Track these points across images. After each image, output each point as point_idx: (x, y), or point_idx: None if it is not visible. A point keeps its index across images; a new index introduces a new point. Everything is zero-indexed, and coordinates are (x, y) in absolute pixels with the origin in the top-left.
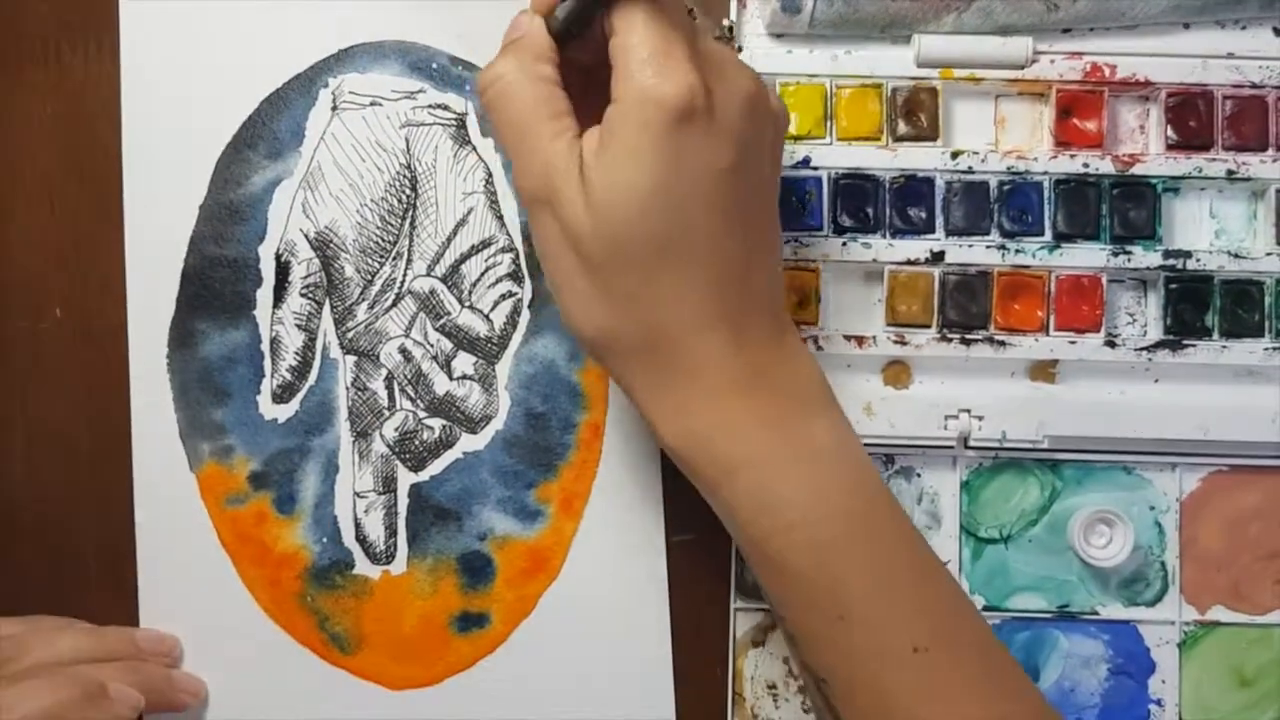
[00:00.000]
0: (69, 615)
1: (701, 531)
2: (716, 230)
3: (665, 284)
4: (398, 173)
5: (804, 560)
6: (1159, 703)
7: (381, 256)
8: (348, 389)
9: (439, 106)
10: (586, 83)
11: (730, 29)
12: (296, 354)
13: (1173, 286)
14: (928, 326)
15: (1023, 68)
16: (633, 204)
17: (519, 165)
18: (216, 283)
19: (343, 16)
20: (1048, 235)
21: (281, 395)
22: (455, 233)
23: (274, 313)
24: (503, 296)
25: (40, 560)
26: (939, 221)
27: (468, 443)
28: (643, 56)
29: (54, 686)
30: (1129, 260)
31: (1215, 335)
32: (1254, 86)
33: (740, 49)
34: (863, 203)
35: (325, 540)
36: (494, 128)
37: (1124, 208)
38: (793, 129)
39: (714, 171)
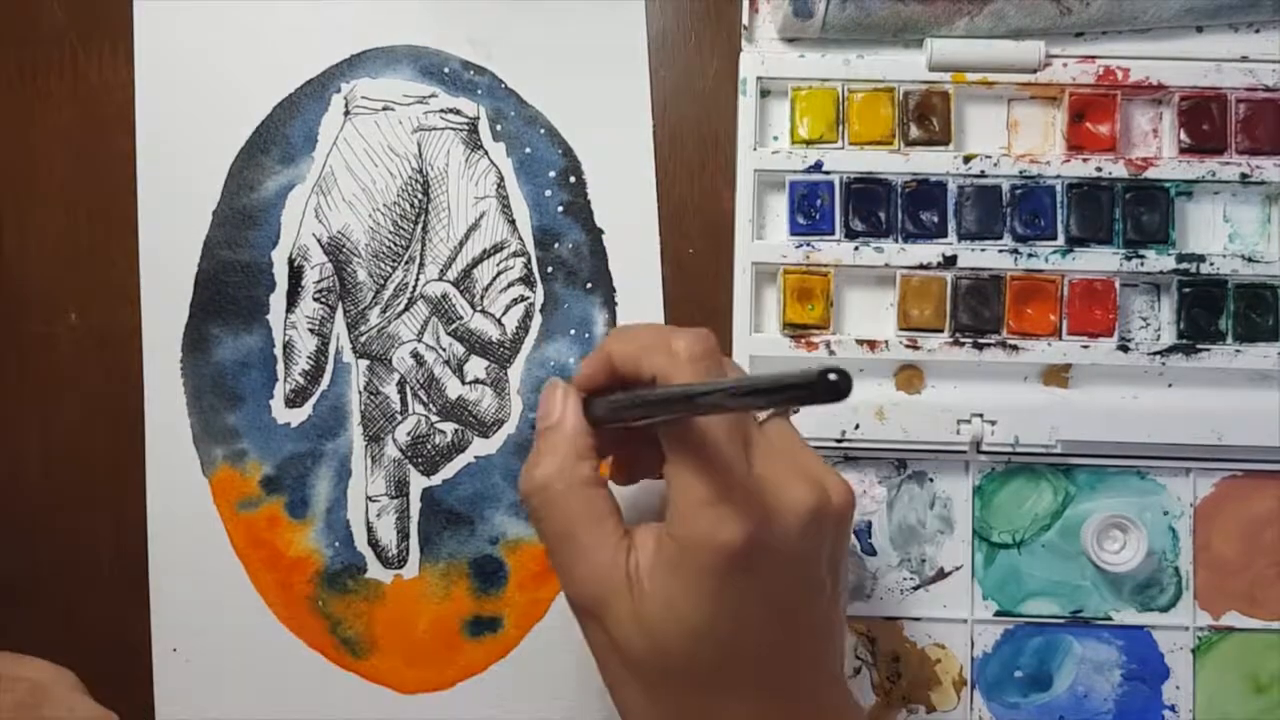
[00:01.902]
0: (81, 618)
1: None
2: (772, 650)
3: (714, 699)
4: (410, 177)
5: None
6: (1173, 709)
7: (394, 261)
8: (360, 393)
9: (451, 111)
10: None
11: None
12: (309, 358)
13: (1186, 290)
14: (940, 331)
15: (1035, 71)
16: (687, 637)
17: (565, 574)
18: (230, 287)
19: (355, 22)
20: (1060, 239)
21: (294, 399)
22: (467, 237)
23: (287, 317)
24: (514, 301)
25: (54, 563)
26: (951, 226)
27: (480, 447)
28: (698, 497)
29: None
30: (1142, 264)
31: (1229, 339)
32: (1268, 90)
33: (796, 411)
34: (875, 207)
35: (337, 544)
36: (538, 532)
37: (1137, 211)
38: (805, 133)
39: (768, 598)
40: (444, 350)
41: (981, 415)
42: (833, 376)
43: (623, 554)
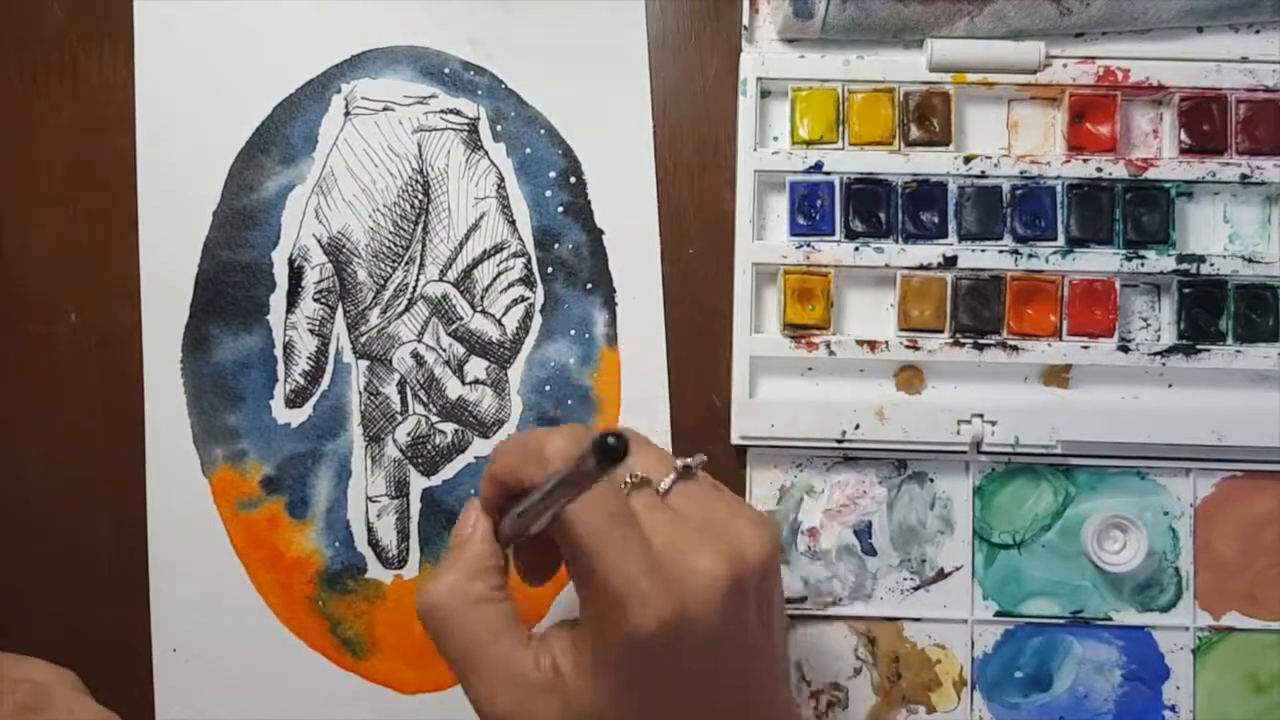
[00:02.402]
0: (81, 618)
1: None
2: (710, 710)
3: None
4: (410, 178)
5: None
6: (1173, 709)
7: (394, 261)
8: (360, 394)
9: (451, 111)
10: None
11: (687, 466)
12: (309, 359)
13: (1186, 291)
14: (940, 331)
15: (1035, 72)
16: None
17: (473, 693)
18: (230, 288)
19: (355, 22)
20: (1061, 240)
21: (294, 400)
22: (467, 238)
23: (287, 318)
24: (515, 301)
25: (54, 562)
26: (951, 226)
27: (480, 447)
28: (602, 593)
29: None
30: (1142, 265)
31: (1229, 340)
32: (1268, 90)
33: (701, 464)
34: (875, 207)
35: (337, 545)
36: (440, 651)
37: (1137, 212)
38: (805, 134)
39: (698, 665)
40: (444, 351)
41: (982, 415)
42: (610, 440)
43: (530, 661)
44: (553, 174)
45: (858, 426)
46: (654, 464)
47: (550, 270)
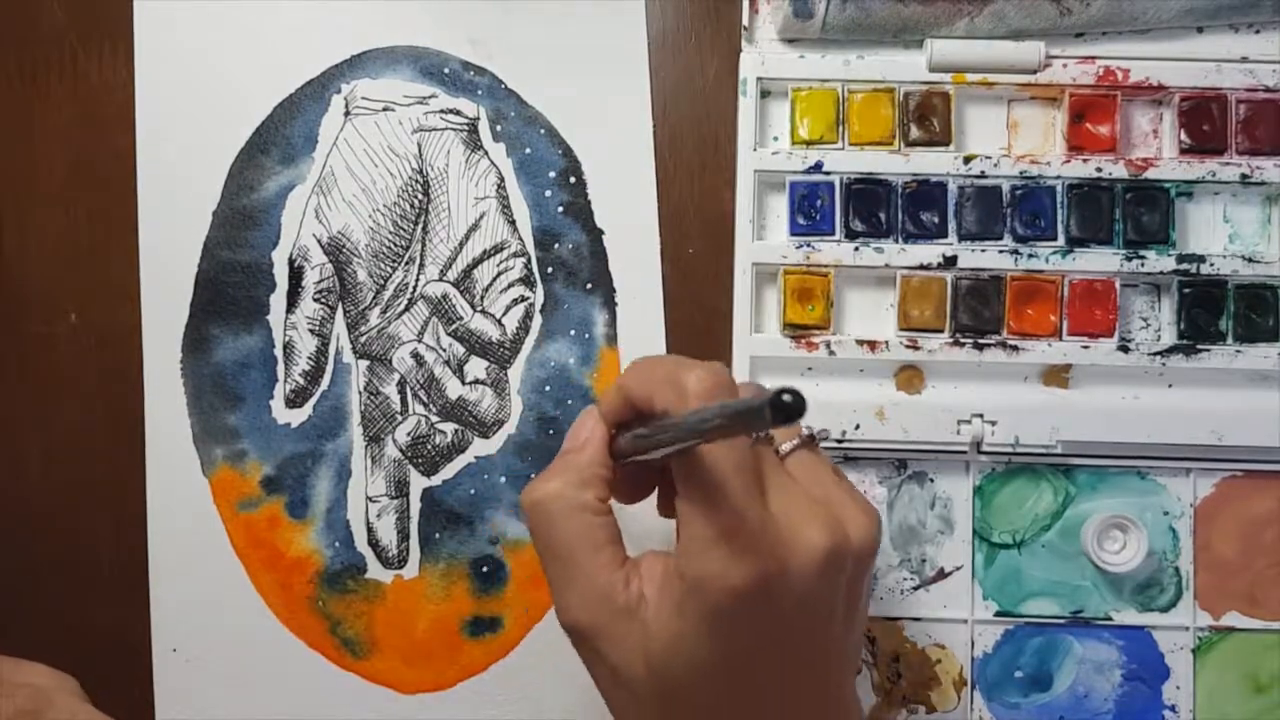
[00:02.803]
0: (81, 619)
1: None
2: (780, 684)
3: None
4: (410, 178)
5: None
6: (1173, 709)
7: (394, 261)
8: (360, 394)
9: (451, 111)
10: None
11: (812, 435)
12: (309, 359)
13: (1186, 291)
14: (940, 331)
15: (1035, 72)
16: (692, 672)
17: (556, 596)
18: (230, 288)
19: (355, 22)
20: (1061, 240)
21: (294, 400)
22: (467, 237)
23: (287, 318)
24: (515, 301)
25: (54, 563)
26: (951, 226)
27: (480, 447)
28: (708, 535)
29: None
30: (1142, 265)
31: (1229, 340)
32: (1268, 90)
33: (825, 437)
34: (875, 207)
35: (337, 545)
36: (535, 548)
37: (1137, 212)
38: (805, 134)
39: (779, 637)
40: (444, 350)
41: (982, 415)
42: (786, 398)
43: (620, 582)
44: (553, 174)
45: (858, 426)
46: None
47: (550, 270)
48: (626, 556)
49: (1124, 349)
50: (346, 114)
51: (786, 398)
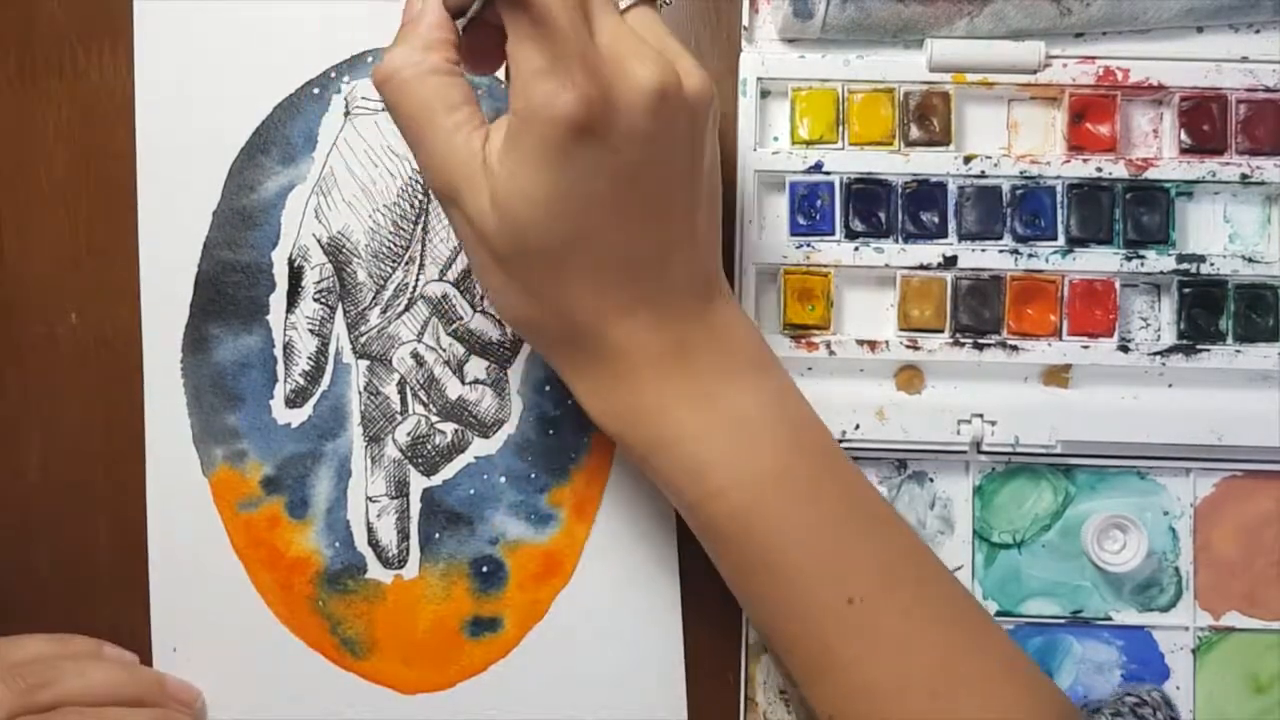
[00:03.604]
0: (81, 619)
1: None
2: (622, 229)
3: (573, 279)
4: (410, 178)
5: (732, 524)
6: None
7: (394, 261)
8: (360, 394)
9: None
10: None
11: None
12: (309, 359)
13: (1186, 291)
14: (940, 331)
15: (1035, 72)
16: (535, 210)
17: (421, 160)
18: (230, 288)
19: (355, 22)
20: (1061, 240)
21: (294, 400)
22: None
23: (287, 318)
24: None
25: (54, 563)
26: (951, 226)
27: (480, 447)
28: (534, 67)
29: None
30: (1142, 265)
31: (1229, 340)
32: (1268, 90)
33: (668, 3)
34: (875, 207)
35: (337, 545)
36: (395, 122)
37: (1137, 212)
38: (805, 134)
39: (616, 176)
40: (444, 350)
41: (981, 415)
42: None
43: (478, 140)
44: None
45: (858, 426)
46: None
47: None
48: (484, 119)
49: (1124, 349)
50: (346, 114)
51: None
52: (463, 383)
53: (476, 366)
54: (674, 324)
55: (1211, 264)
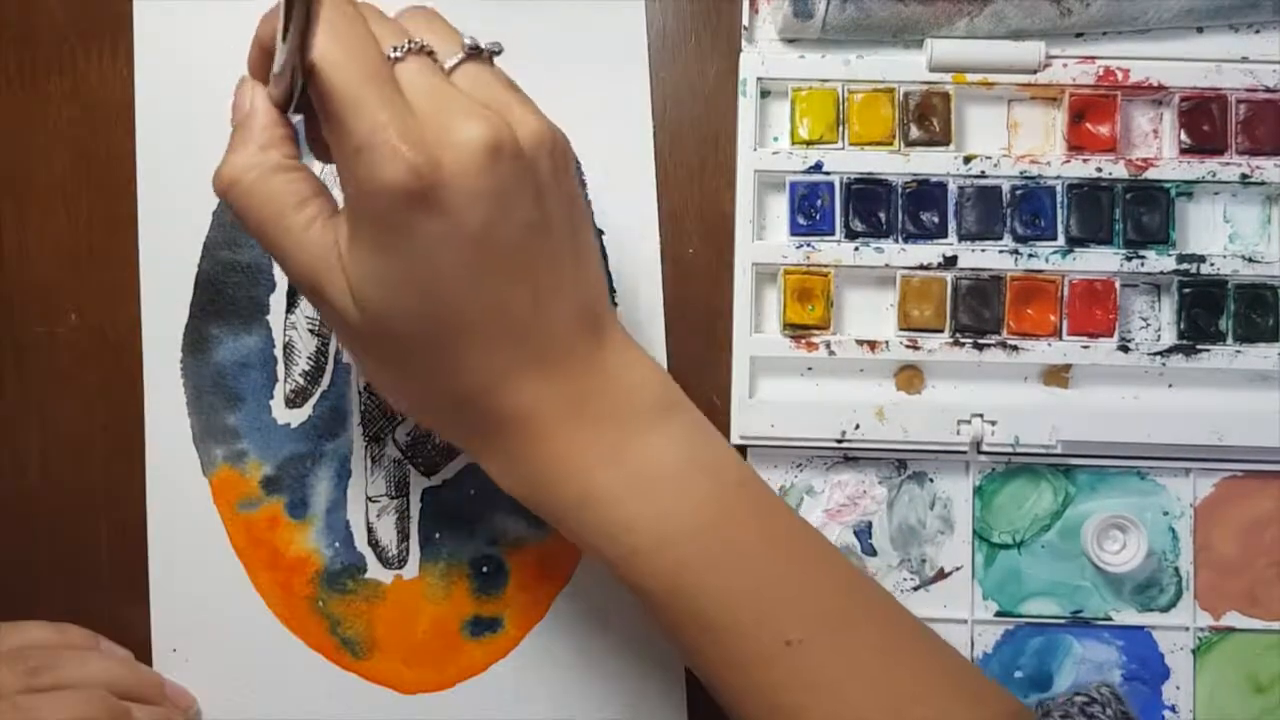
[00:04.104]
0: (82, 618)
1: None
2: (486, 293)
3: (450, 355)
4: None
5: (657, 583)
6: (1173, 709)
7: None
8: (360, 393)
9: None
10: None
11: (478, 47)
12: (309, 359)
13: (1186, 291)
14: (940, 331)
15: (1035, 72)
16: (391, 294)
17: (279, 262)
18: (230, 288)
19: None
20: (1061, 240)
21: (294, 400)
22: None
23: (287, 318)
24: None
25: (54, 563)
26: (951, 226)
27: None
28: (353, 146)
29: (84, 702)
30: (1142, 265)
31: (1229, 340)
32: (1268, 90)
33: (497, 53)
34: (875, 207)
35: (337, 545)
36: (248, 230)
37: (1137, 212)
38: (805, 134)
39: (463, 242)
40: None
41: (981, 415)
42: None
43: (331, 233)
44: None
45: (858, 426)
46: (443, 40)
47: None
48: (336, 208)
49: (1124, 349)
50: None
51: None
52: None
53: None
54: (567, 377)
55: (1211, 264)
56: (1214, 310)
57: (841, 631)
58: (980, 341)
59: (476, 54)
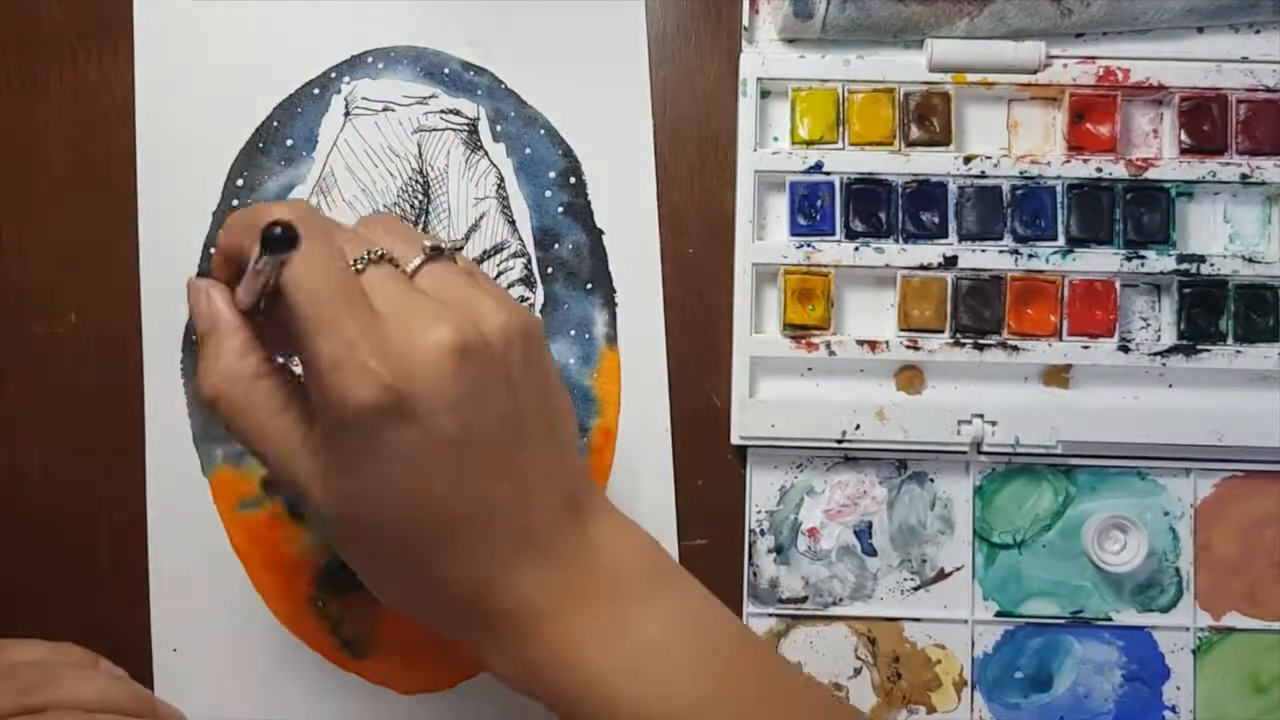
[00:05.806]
0: (82, 619)
1: (713, 536)
2: (466, 492)
3: (437, 559)
4: (410, 178)
5: None
6: (1173, 709)
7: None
8: None
9: (451, 112)
10: None
11: (437, 248)
12: None
13: (1186, 291)
14: (940, 331)
15: (1035, 72)
16: (370, 507)
17: (268, 467)
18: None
19: (355, 22)
20: (1061, 240)
21: None
22: (467, 238)
23: None
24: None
25: (53, 563)
26: (952, 226)
27: None
28: (324, 367)
29: None
30: (1142, 265)
31: (1229, 340)
32: (1268, 90)
33: (458, 247)
34: (875, 208)
35: None
36: (235, 437)
37: (1137, 212)
38: (805, 134)
39: (438, 447)
40: None
41: (982, 416)
42: (277, 230)
43: (313, 441)
44: (553, 174)
45: (858, 426)
46: (403, 244)
47: (550, 270)
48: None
49: (1124, 349)
50: (346, 114)
51: (277, 231)
52: None
53: None
54: (557, 564)
55: (1211, 264)
56: (1214, 310)
57: None
58: (980, 342)
59: (437, 254)
